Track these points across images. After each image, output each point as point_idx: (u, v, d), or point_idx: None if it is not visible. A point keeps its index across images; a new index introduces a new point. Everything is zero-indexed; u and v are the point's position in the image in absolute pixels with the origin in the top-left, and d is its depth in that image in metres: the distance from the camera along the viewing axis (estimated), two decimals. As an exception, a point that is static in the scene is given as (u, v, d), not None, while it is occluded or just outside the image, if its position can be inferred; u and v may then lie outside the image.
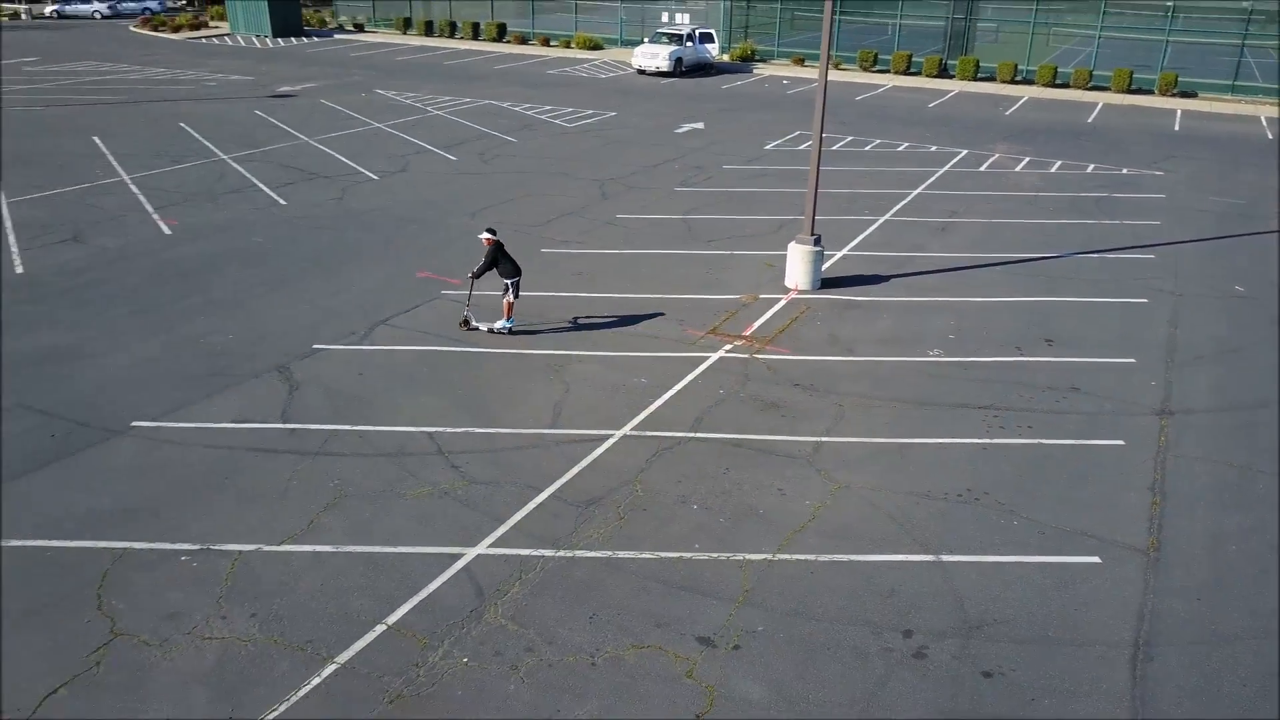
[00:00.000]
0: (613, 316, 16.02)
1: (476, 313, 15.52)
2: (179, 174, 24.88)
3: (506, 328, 15.27)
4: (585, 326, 15.61)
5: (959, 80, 44.39)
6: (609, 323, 15.72)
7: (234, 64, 46.25)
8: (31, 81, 39.60)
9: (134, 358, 14.09)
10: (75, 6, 69.71)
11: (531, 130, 31.69)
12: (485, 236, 15.03)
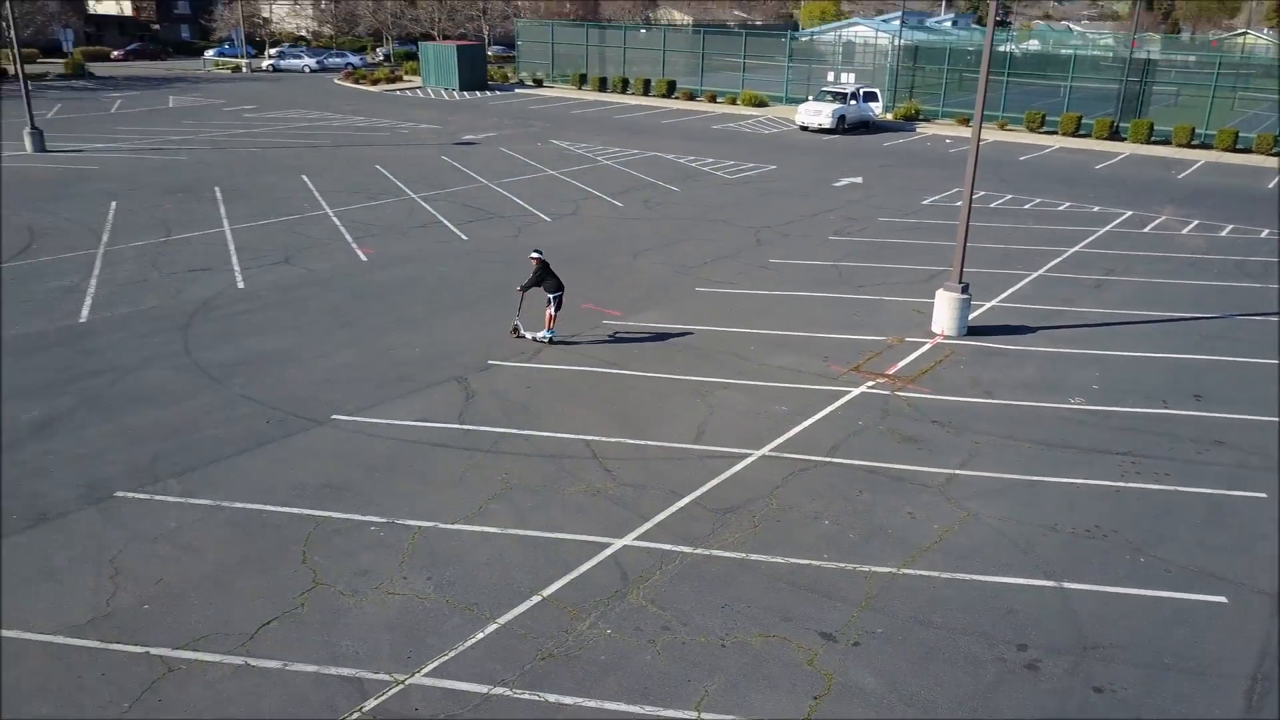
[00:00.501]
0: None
1: (524, 322, 16.80)
2: (375, 209, 27.51)
3: (547, 337, 17.11)
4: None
5: (1130, 143, 43.46)
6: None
7: (424, 114, 50.12)
8: (250, 126, 44.19)
9: (335, 363, 16.02)
10: (288, 61, 76.78)
11: (694, 180, 33.22)
12: (533, 256, 17.00)
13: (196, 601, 9.76)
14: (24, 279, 20.11)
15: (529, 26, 71.75)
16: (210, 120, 45.95)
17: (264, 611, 9.64)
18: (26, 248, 22.49)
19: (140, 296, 19.15)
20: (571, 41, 66.15)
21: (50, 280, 20.08)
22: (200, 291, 19.58)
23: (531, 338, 17.24)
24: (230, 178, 31.50)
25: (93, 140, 38.69)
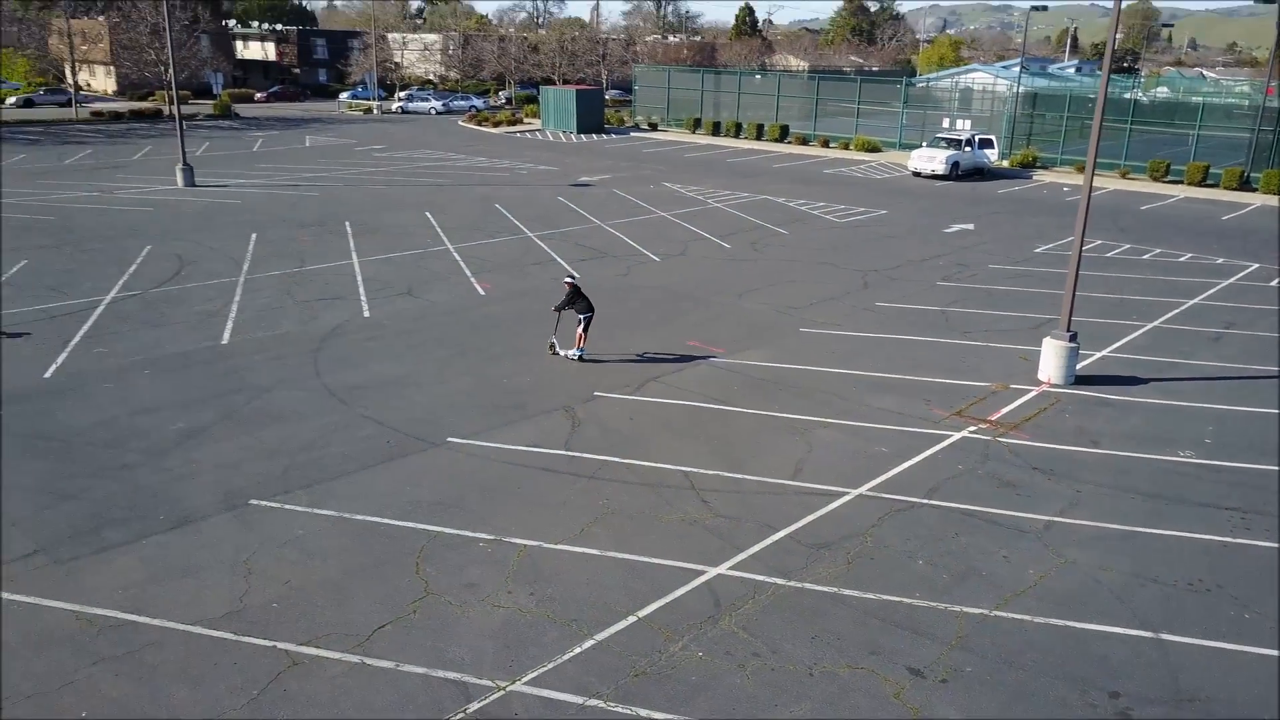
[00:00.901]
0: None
1: (561, 341, 17.22)
2: (492, 246, 28.72)
3: (577, 354, 18.59)
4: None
5: (1262, 194, 41.88)
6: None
7: (542, 155, 51.88)
8: (379, 165, 46.55)
9: (452, 389, 16.91)
10: (416, 103, 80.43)
11: (802, 224, 33.55)
12: (567, 281, 18.79)
13: (319, 603, 10.53)
14: (174, 303, 21.79)
15: (646, 72, 73.51)
16: (343, 159, 48.57)
17: (379, 616, 10.34)
18: (176, 274, 24.32)
19: (276, 322, 20.54)
20: (687, 86, 67.49)
21: (196, 305, 21.70)
22: (330, 319, 20.87)
23: (564, 355, 18.65)
24: (360, 213, 33.31)
25: (236, 176, 41.41)
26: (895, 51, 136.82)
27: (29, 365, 17.43)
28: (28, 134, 55.96)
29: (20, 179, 39.24)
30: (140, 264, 25.25)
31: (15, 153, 47.58)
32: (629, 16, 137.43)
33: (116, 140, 54.30)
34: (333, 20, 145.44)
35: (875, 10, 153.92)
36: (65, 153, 48.24)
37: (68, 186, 37.57)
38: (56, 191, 36.33)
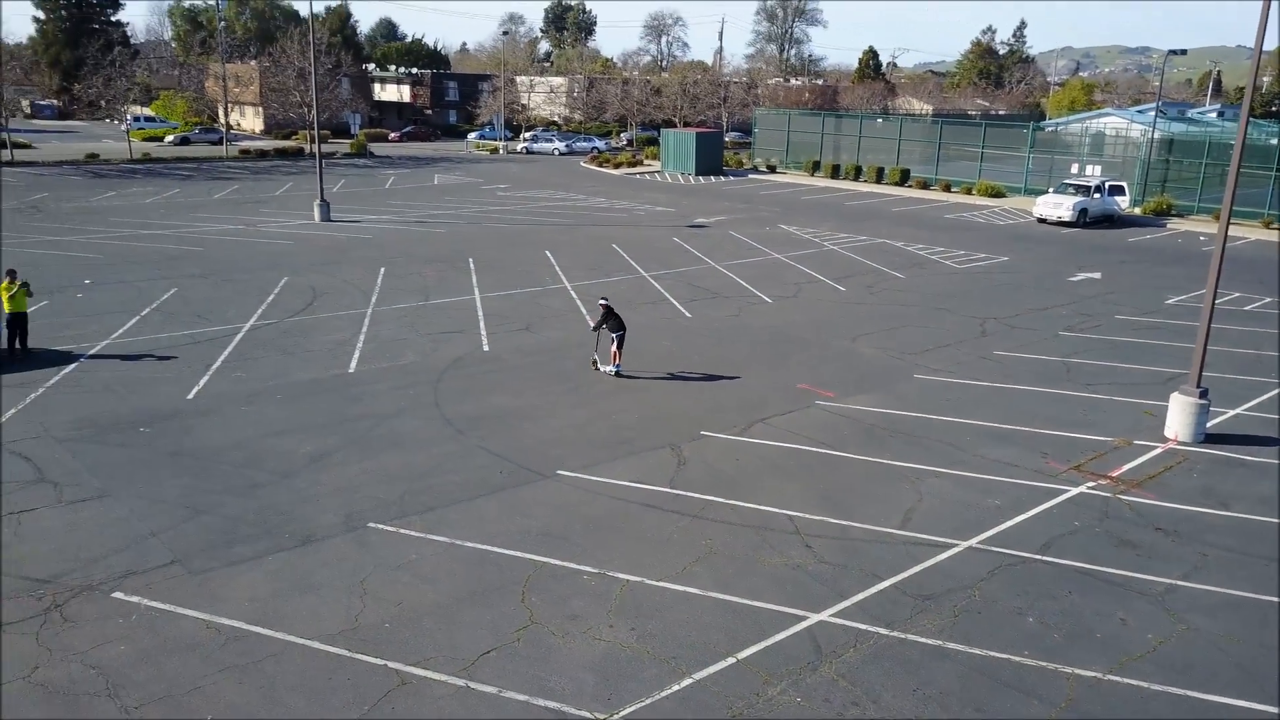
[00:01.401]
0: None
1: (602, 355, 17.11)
2: (607, 284, 29.30)
3: (614, 370, 20.19)
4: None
5: None
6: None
7: (660, 196, 52.66)
8: (503, 204, 48.06)
9: (563, 423, 17.33)
10: (540, 144, 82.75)
11: (920, 268, 33.10)
12: (601, 303, 20.51)
13: (429, 626, 10.93)
14: (306, 332, 22.97)
15: (767, 115, 73.92)
16: (469, 197, 50.35)
17: (485, 641, 10.67)
18: (309, 305, 25.64)
19: (400, 353, 21.43)
20: (807, 130, 67.55)
21: (327, 334, 22.83)
22: (451, 351, 21.65)
23: (603, 370, 20.30)
24: (482, 250, 34.46)
25: (369, 212, 43.40)
26: (1023, 95, 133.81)
27: (174, 387, 18.64)
28: (182, 169, 59.88)
29: (174, 212, 42.02)
30: (278, 294, 26.72)
31: (170, 187, 50.97)
32: (751, 60, 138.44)
33: (261, 176, 57.61)
34: (465, 64, 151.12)
35: (1004, 53, 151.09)
36: (215, 188, 51.43)
37: (216, 219, 40.04)
38: (205, 224, 38.77)
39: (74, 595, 11.16)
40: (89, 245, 33.33)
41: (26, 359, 20.11)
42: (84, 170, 57.25)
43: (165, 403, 17.73)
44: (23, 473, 14.43)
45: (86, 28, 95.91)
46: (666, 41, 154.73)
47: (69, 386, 18.47)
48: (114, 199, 45.87)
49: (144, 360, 20.33)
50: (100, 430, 16.24)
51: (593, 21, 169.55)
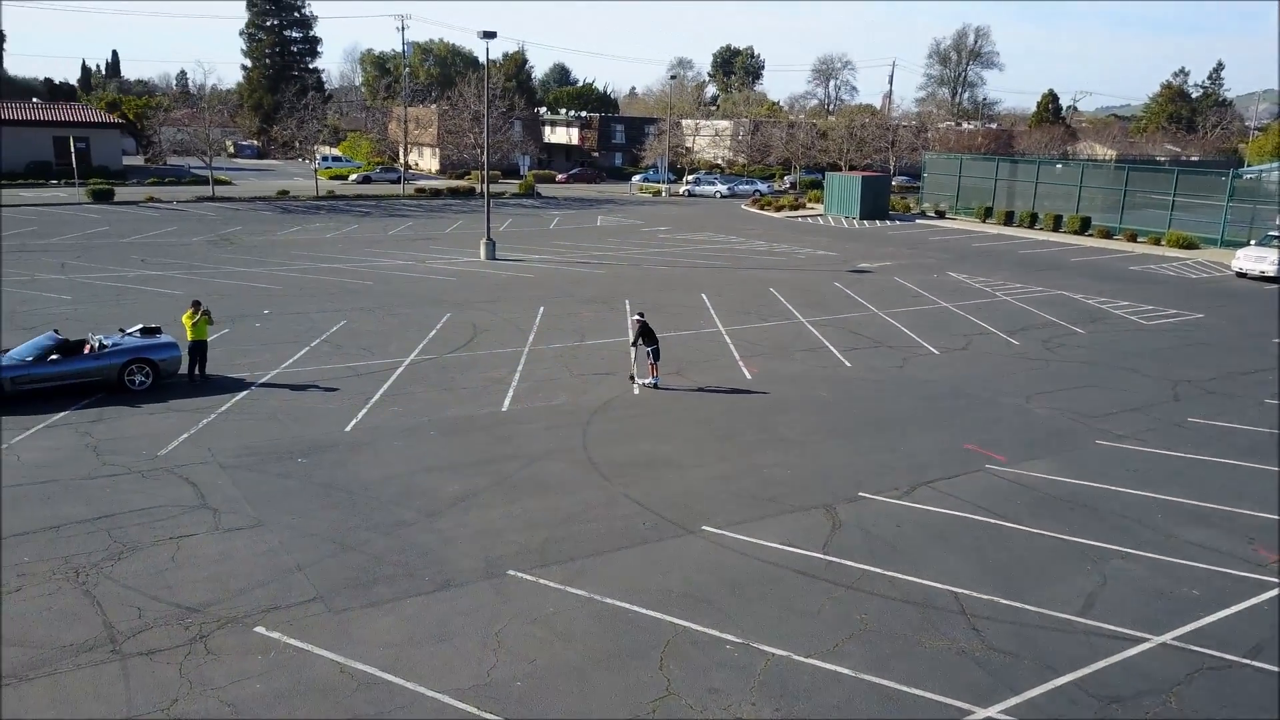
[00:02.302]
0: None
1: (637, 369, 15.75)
2: (763, 330, 28.57)
3: (652, 383, 21.77)
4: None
5: None
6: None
7: (822, 240, 51.56)
8: (662, 246, 48.12)
9: (710, 474, 16.67)
10: (702, 187, 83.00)
11: (1102, 323, 30.83)
12: (636, 319, 21.92)
13: (562, 687, 10.42)
14: (464, 368, 23.24)
15: (937, 159, 71.69)
16: (630, 239, 50.70)
17: (618, 709, 10.06)
18: (469, 341, 26.02)
19: (553, 393, 21.33)
20: (980, 174, 64.99)
21: (484, 371, 23.02)
22: (602, 393, 21.40)
23: (641, 384, 21.81)
24: (639, 292, 34.38)
25: (532, 251, 44.24)
26: (1219, 140, 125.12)
27: (334, 419, 19.07)
28: (362, 206, 62.99)
29: (351, 247, 44.01)
30: (440, 329, 27.27)
31: (350, 222, 53.60)
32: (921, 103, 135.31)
33: (434, 214, 59.90)
34: (633, 107, 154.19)
35: (1197, 96, 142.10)
36: (390, 224, 53.74)
37: (389, 255, 41.65)
38: (379, 259, 40.37)
39: (219, 627, 11.25)
40: (272, 277, 35.16)
41: (204, 384, 21.08)
42: (274, 206, 61.01)
43: (324, 434, 18.13)
44: (186, 498, 14.91)
45: (287, 74, 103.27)
46: (834, 85, 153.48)
47: (238, 413, 19.18)
48: (298, 233, 48.51)
49: (309, 391, 20.96)
50: (262, 459, 16.69)
51: (760, 66, 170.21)
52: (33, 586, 11.99)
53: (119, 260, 37.78)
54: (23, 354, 19.52)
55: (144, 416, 18.74)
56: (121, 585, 12.09)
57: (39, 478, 15.44)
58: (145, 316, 26.96)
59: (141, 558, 12.84)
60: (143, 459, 16.44)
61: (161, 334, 21.33)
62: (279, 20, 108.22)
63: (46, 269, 35.27)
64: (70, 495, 14.80)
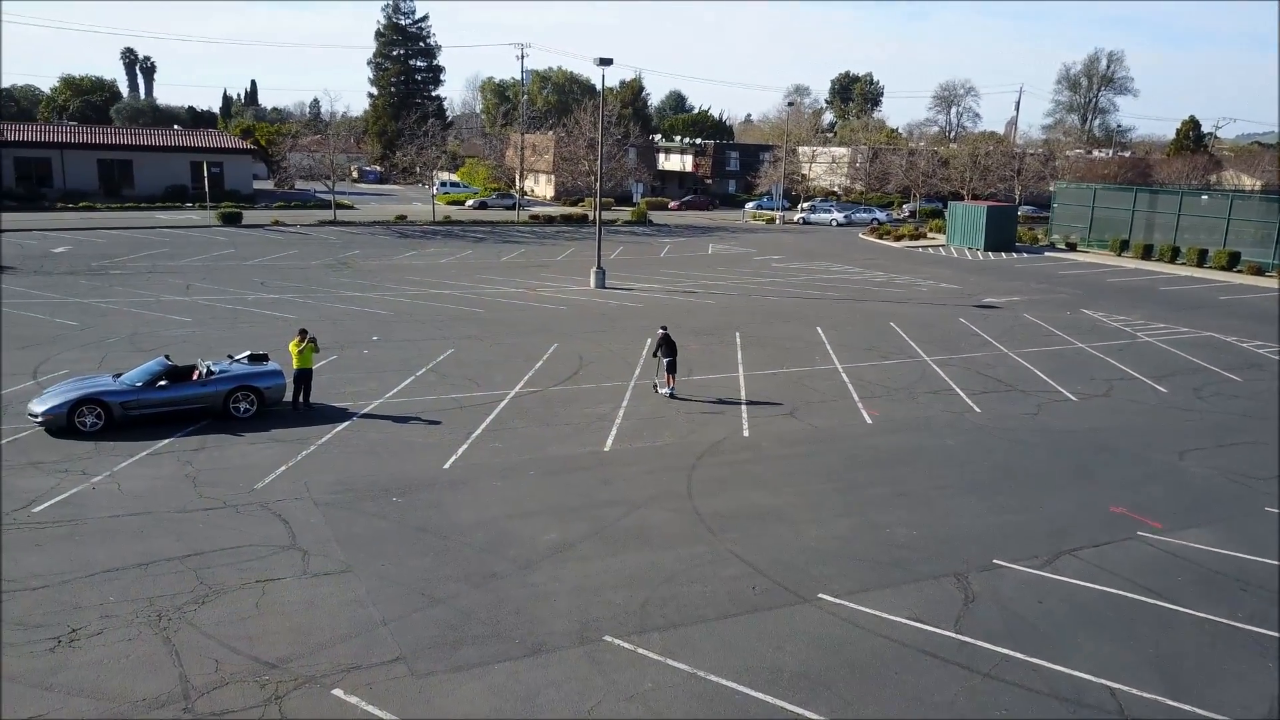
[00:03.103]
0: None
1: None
2: (883, 369, 26.98)
3: (668, 392, 23.01)
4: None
5: None
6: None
7: (944, 273, 49.33)
8: (775, 276, 46.77)
9: (826, 531, 15.33)
10: (818, 215, 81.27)
11: (1262, 370, 28.12)
12: (660, 331, 23.34)
13: (658, 779, 9.31)
14: (567, 403, 22.46)
15: (1068, 189, 68.27)
16: (741, 268, 49.51)
17: (721, 812, 8.89)
18: (575, 374, 25.28)
19: (657, 432, 20.32)
20: (1114, 205, 61.46)
21: (588, 406, 22.18)
22: (708, 434, 20.27)
23: (660, 393, 23.16)
24: (750, 324, 33.16)
25: (642, 280, 43.51)
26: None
27: (433, 454, 18.47)
28: (477, 232, 63.57)
29: (464, 272, 44.11)
30: (545, 361, 26.63)
31: (464, 248, 53.98)
32: (1049, 130, 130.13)
33: (546, 241, 59.95)
34: (747, 134, 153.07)
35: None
36: (503, 250, 53.91)
37: (499, 282, 41.51)
38: (489, 286, 40.24)
39: (296, 687, 10.52)
40: (384, 302, 35.29)
41: (308, 413, 20.84)
42: (392, 230, 62.08)
43: (422, 470, 17.51)
44: (278, 536, 14.40)
45: (410, 102, 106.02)
46: (956, 112, 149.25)
47: (338, 445, 18.77)
48: (414, 258, 49.01)
49: (411, 423, 20.47)
50: (356, 496, 16.14)
51: (879, 92, 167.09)
52: (114, 630, 11.54)
53: (240, 283, 38.62)
54: (134, 379, 19.59)
55: (245, 446, 18.50)
56: (202, 633, 11.54)
57: (135, 509, 15.20)
58: (259, 340, 27.17)
59: (226, 602, 12.30)
60: (239, 492, 16.09)
61: (268, 361, 21.21)
62: (405, 50, 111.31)
63: (172, 290, 36.25)
64: (163, 529, 14.47)
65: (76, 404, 18.59)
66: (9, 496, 15.55)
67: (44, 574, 12.88)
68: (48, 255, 44.57)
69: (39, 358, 24.88)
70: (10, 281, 36.85)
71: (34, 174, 69.68)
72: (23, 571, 12.93)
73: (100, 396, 18.85)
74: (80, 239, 50.88)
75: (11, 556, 13.38)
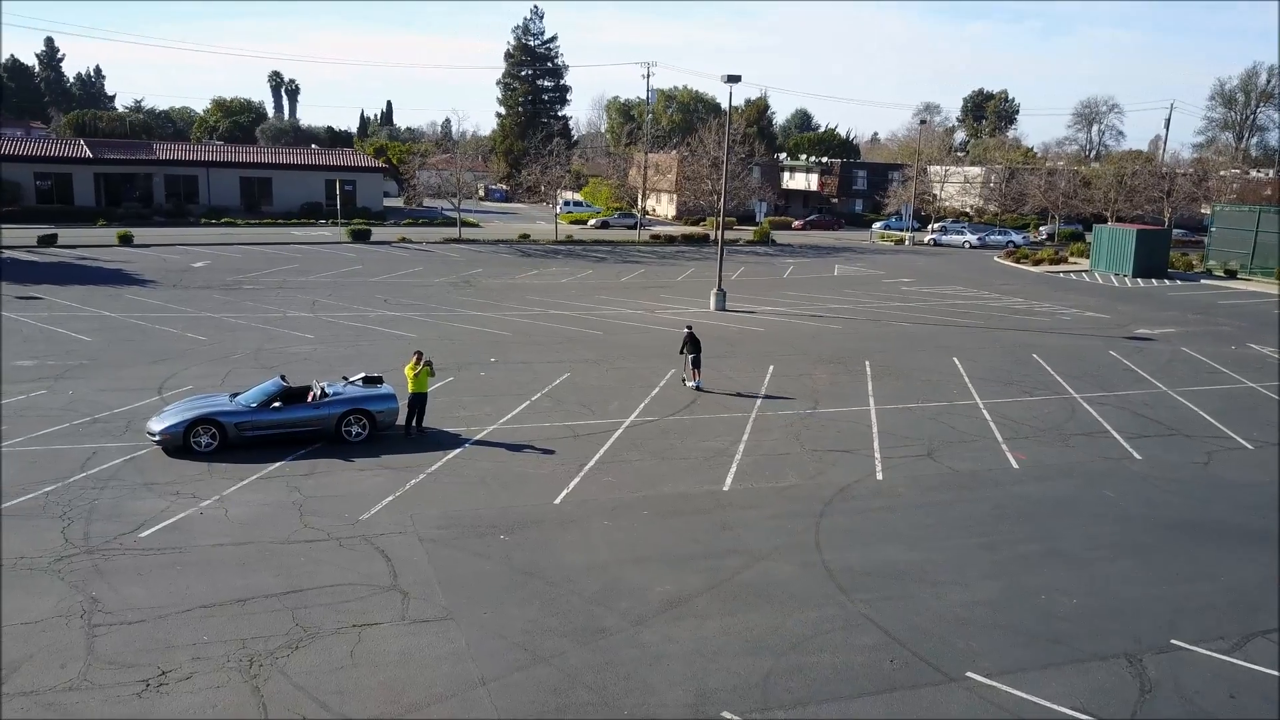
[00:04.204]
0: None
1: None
2: (1028, 405, 24.90)
3: (696, 385, 25.27)
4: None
5: None
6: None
7: (1089, 300, 46.23)
8: (906, 300, 44.64)
9: (973, 595, 13.71)
10: (949, 236, 78.08)
11: None
12: (687, 328, 25.98)
13: None
14: (684, 434, 21.32)
15: (1227, 212, 63.49)
16: (869, 290, 47.53)
17: None
18: (691, 402, 24.13)
19: (781, 472, 18.97)
20: (1280, 229, 56.75)
21: (706, 438, 21.00)
22: (838, 476, 18.81)
23: (689, 385, 25.33)
24: (881, 352, 31.39)
25: (763, 303, 42.08)
26: None
27: (544, 487, 17.59)
28: (598, 251, 63.25)
29: (584, 293, 43.58)
30: (662, 387, 25.59)
31: (585, 268, 53.62)
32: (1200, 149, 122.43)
33: (666, 261, 59.10)
34: (874, 153, 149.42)
35: None
36: (623, 271, 53.29)
37: (618, 303, 40.76)
38: (608, 307, 39.53)
39: (384, 753, 9.67)
40: (503, 322, 34.94)
41: (420, 438, 20.31)
42: (515, 249, 62.34)
43: (532, 506, 16.64)
44: (379, 575, 13.69)
45: (537, 121, 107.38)
46: (1098, 130, 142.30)
47: (447, 474, 18.10)
48: (535, 277, 48.85)
49: (524, 452, 19.69)
50: (462, 532, 15.36)
51: (1015, 110, 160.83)
52: (204, 675, 10.94)
53: (364, 300, 38.98)
54: (249, 400, 19.41)
55: (354, 473, 18.02)
56: (292, 683, 10.82)
57: (240, 538, 14.77)
58: (378, 359, 27.02)
59: (319, 649, 11.59)
60: (343, 523, 15.52)
61: (382, 384, 20.80)
62: (533, 70, 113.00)
63: (298, 306, 36.80)
64: (265, 562, 13.96)
65: (192, 424, 18.48)
66: (122, 518, 15.38)
67: (142, 607, 12.46)
68: (187, 270, 46.16)
69: (167, 373, 25.24)
70: (149, 295, 38.11)
71: (181, 191, 72.96)
72: (121, 603, 12.55)
73: (215, 417, 18.70)
74: (218, 254, 52.68)
75: (113, 585, 13.04)
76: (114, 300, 36.49)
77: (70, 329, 30.54)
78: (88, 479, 17.03)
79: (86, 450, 18.59)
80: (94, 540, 14.45)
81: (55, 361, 25.99)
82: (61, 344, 28.33)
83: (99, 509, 15.67)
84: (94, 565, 13.59)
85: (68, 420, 20.49)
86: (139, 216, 68.18)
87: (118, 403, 22.03)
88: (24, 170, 68.93)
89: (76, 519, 15.23)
